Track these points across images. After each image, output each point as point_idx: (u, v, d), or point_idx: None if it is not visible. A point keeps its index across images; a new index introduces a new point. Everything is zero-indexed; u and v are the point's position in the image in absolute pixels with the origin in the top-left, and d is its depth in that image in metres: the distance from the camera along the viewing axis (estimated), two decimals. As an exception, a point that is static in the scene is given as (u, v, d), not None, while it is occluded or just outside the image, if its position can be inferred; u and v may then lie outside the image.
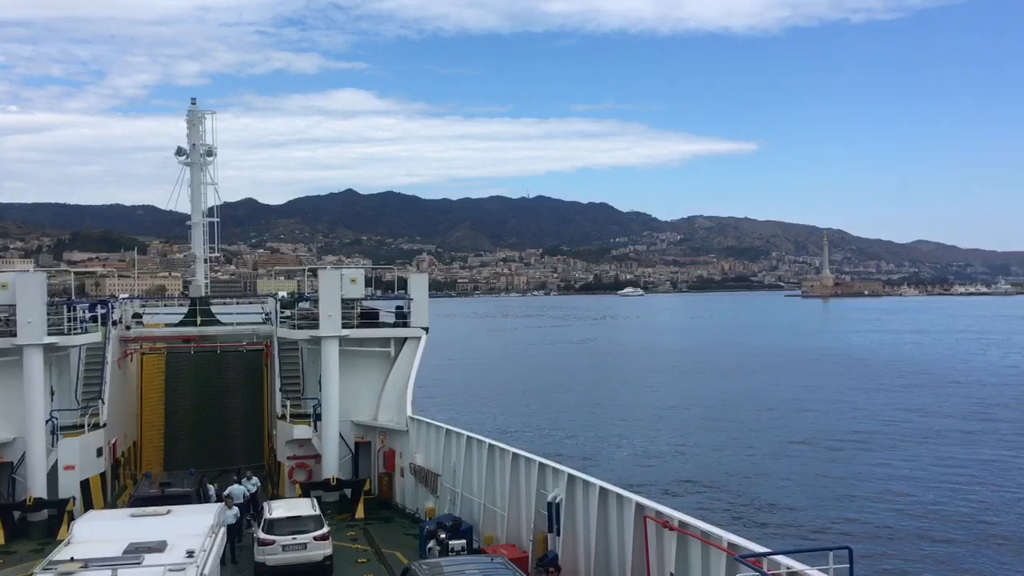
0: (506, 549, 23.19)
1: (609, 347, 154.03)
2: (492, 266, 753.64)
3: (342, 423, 32.91)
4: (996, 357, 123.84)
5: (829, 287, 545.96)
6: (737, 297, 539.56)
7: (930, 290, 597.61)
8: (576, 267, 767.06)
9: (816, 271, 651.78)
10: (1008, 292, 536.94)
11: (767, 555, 14.40)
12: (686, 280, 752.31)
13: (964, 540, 36.97)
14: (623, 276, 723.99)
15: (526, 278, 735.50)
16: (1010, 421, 67.10)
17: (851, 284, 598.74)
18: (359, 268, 37.49)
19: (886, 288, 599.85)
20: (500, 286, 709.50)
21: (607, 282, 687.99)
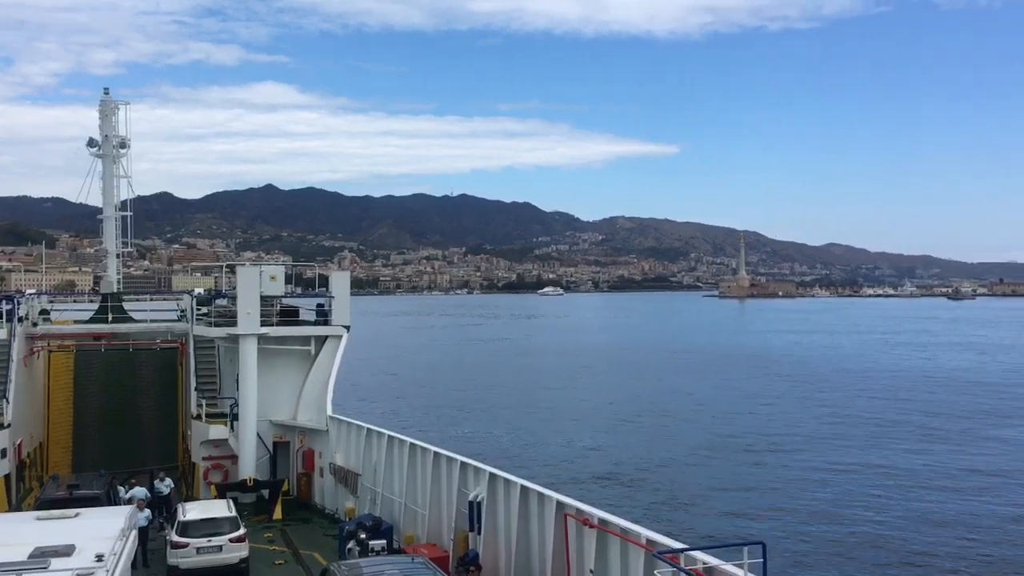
0: (427, 549, 23.11)
1: (530, 346, 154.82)
2: (415, 264, 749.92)
3: (260, 423, 32.30)
4: (902, 358, 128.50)
5: (745, 288, 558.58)
6: (656, 297, 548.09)
7: (841, 291, 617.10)
8: (499, 266, 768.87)
9: (733, 272, 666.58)
10: (913, 294, 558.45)
11: (684, 551, 14.68)
12: (607, 280, 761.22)
13: (874, 535, 38.24)
14: (546, 275, 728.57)
15: (449, 277, 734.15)
16: (914, 420, 69.67)
17: (766, 285, 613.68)
18: (279, 265, 36.85)
19: (799, 289, 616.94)
20: (423, 284, 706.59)
21: (530, 281, 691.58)
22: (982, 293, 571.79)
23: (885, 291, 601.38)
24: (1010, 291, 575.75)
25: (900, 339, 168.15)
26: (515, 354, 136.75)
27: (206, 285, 47.26)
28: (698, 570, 13.90)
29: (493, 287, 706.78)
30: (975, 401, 79.12)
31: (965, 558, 34.91)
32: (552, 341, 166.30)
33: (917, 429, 64.77)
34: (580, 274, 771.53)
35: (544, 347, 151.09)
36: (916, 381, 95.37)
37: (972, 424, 66.88)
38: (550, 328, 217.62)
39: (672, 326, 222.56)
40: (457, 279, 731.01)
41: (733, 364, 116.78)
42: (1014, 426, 65.94)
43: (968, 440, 60.37)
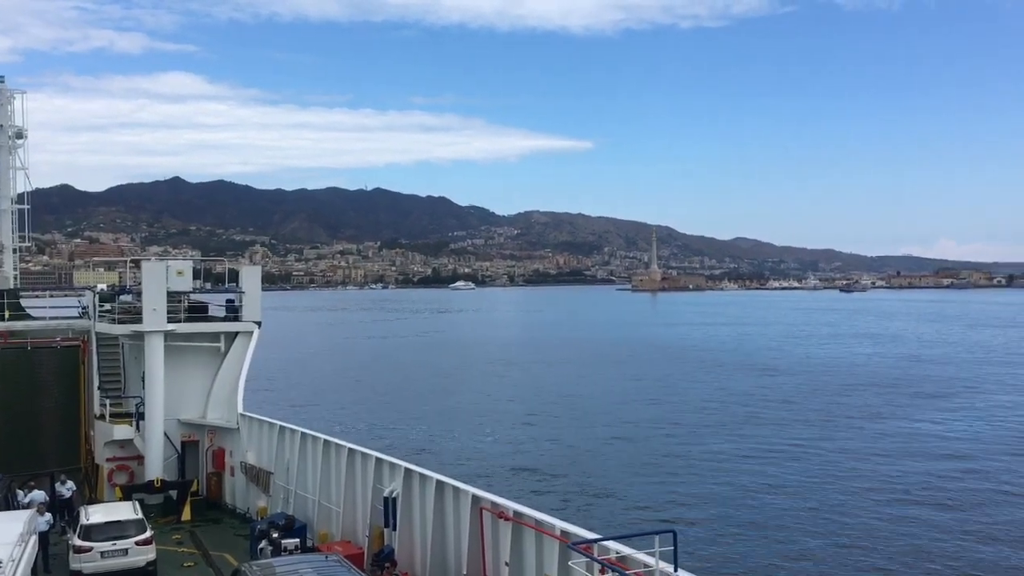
0: (341, 546, 22.91)
1: (444, 341, 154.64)
2: (329, 259, 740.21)
3: (167, 422, 31.49)
4: (807, 348, 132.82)
5: (657, 281, 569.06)
6: (571, 291, 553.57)
7: (748, 284, 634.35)
8: (415, 260, 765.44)
9: (645, 266, 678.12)
10: (816, 287, 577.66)
11: (597, 541, 14.90)
12: (523, 274, 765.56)
13: (781, 519, 39.46)
14: (461, 270, 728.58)
15: (364, 271, 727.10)
16: (816, 407, 72.11)
17: (677, 279, 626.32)
18: (186, 260, 35.84)
19: (709, 282, 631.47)
20: (337, 279, 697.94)
21: (446, 276, 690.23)
22: (880, 285, 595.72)
23: (790, 284, 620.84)
24: (907, 283, 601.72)
25: (804, 331, 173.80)
26: (429, 349, 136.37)
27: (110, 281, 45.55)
28: (611, 559, 14.12)
29: (408, 282, 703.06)
30: (871, 388, 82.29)
31: (870, 536, 36.35)
32: (466, 336, 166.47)
33: (820, 415, 67.03)
34: (496, 268, 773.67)
35: (458, 342, 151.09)
36: (818, 369, 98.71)
37: (872, 409, 69.55)
38: (464, 323, 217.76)
39: (585, 320, 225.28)
40: (372, 274, 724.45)
41: (644, 356, 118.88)
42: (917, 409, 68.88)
43: (866, 424, 62.76)
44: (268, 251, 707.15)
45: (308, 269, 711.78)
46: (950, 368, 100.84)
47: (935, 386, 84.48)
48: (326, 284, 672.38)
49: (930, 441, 57.36)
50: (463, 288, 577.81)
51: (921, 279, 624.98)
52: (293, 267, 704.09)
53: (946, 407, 71.55)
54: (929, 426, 62.88)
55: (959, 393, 79.78)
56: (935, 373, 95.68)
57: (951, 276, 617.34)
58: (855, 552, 34.68)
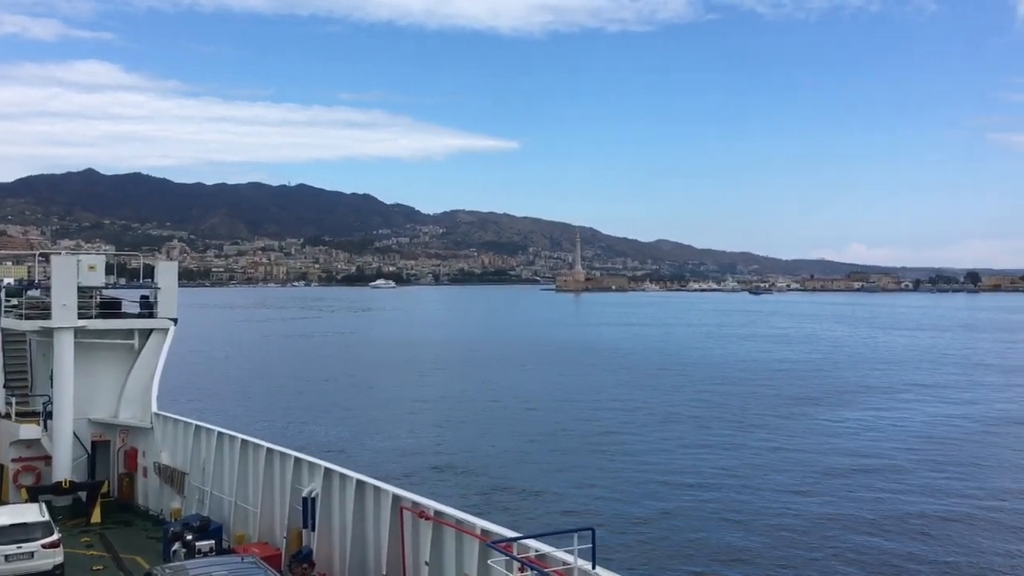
0: (258, 548, 22.60)
1: (366, 340, 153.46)
2: (250, 255, 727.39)
3: (77, 421, 30.55)
4: (726, 348, 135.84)
5: (581, 282, 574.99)
6: (495, 290, 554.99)
7: (669, 286, 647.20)
8: (338, 258, 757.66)
9: (569, 266, 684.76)
10: (735, 288, 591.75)
11: (517, 540, 15.04)
12: (447, 273, 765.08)
13: (699, 519, 40.25)
14: (386, 268, 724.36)
15: (286, 268, 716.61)
16: (733, 406, 73.79)
17: (600, 279, 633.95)
18: (99, 254, 34.79)
19: (631, 283, 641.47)
20: (258, 276, 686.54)
21: (370, 274, 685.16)
22: (795, 288, 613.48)
23: (709, 286, 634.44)
24: (820, 286, 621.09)
25: (723, 331, 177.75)
26: (350, 348, 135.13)
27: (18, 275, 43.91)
28: (530, 557, 14.25)
29: (332, 279, 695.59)
30: (786, 387, 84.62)
31: (784, 531, 37.37)
32: (387, 335, 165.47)
33: (737, 413, 68.60)
34: (420, 267, 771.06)
35: (379, 341, 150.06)
36: (738, 369, 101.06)
37: (786, 408, 71.51)
38: (386, 322, 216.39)
39: (508, 320, 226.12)
40: (294, 271, 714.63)
41: (566, 356, 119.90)
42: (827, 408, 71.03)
43: (780, 422, 64.49)
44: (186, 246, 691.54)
45: (228, 266, 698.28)
46: (859, 369, 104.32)
47: (847, 386, 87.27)
48: (247, 281, 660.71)
49: (842, 437, 59.23)
50: (384, 286, 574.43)
51: (834, 282, 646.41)
52: (212, 263, 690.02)
53: (856, 406, 73.99)
54: (840, 423, 64.93)
55: (868, 392, 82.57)
56: (846, 374, 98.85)
57: (862, 280, 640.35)
58: (770, 547, 35.61)
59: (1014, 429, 63.47)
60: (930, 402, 76.85)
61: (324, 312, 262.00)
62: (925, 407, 73.85)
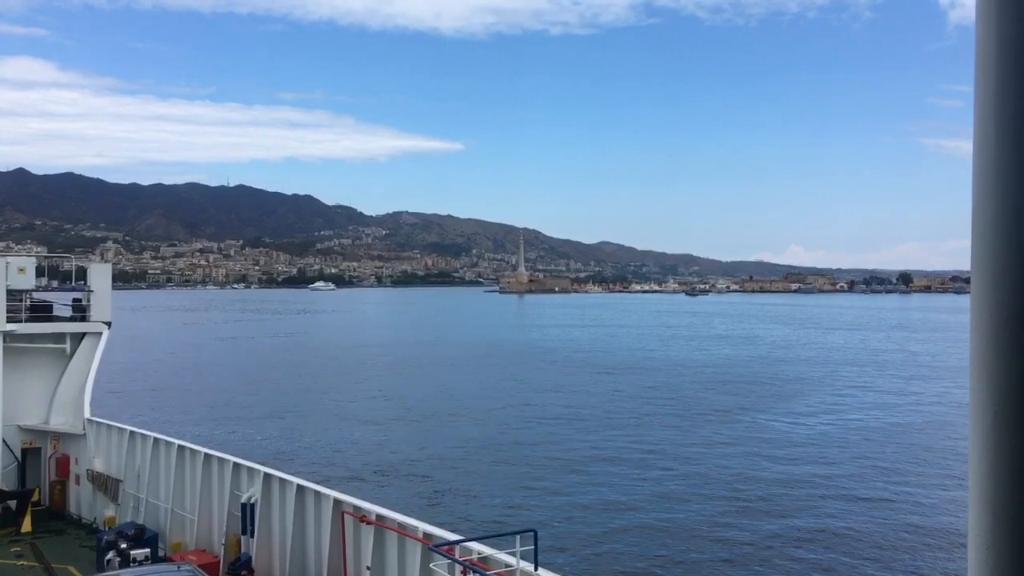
0: (195, 555, 22.25)
1: (305, 342, 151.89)
2: (188, 257, 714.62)
3: (6, 428, 29.79)
4: (669, 348, 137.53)
5: (524, 284, 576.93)
6: (439, 292, 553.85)
7: (612, 287, 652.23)
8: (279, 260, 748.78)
9: (513, 268, 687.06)
10: (676, 290, 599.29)
11: (459, 542, 15.05)
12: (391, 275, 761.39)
13: (642, 519, 40.66)
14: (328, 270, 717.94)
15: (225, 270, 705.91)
16: (674, 407, 74.76)
17: (544, 281, 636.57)
18: (29, 256, 33.93)
19: (574, 285, 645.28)
20: (197, 278, 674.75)
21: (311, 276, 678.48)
22: (735, 289, 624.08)
23: (651, 287, 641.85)
24: (759, 288, 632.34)
25: (665, 332, 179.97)
26: (290, 351, 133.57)
27: (-58, 277, 42.71)
28: (473, 560, 14.27)
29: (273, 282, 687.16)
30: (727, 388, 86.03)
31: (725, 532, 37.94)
32: (327, 338, 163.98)
33: (678, 415, 69.51)
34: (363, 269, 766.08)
35: (319, 344, 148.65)
36: (680, 369, 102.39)
37: (726, 409, 72.68)
38: (326, 324, 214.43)
39: (452, 321, 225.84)
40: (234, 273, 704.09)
41: (509, 358, 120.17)
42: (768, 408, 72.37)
43: (724, 421, 65.53)
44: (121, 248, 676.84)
45: (165, 267, 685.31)
46: (798, 367, 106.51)
47: (788, 385, 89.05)
48: (185, 283, 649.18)
49: (785, 437, 60.39)
50: (324, 288, 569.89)
51: (772, 283, 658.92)
52: (149, 265, 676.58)
53: (797, 406, 75.51)
54: (782, 424, 66.20)
55: (807, 392, 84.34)
56: (786, 372, 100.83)
57: (799, 281, 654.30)
58: (709, 549, 36.13)
59: (939, 430, 65.40)
60: (866, 402, 78.82)
61: (264, 315, 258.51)
62: (860, 407, 75.71)
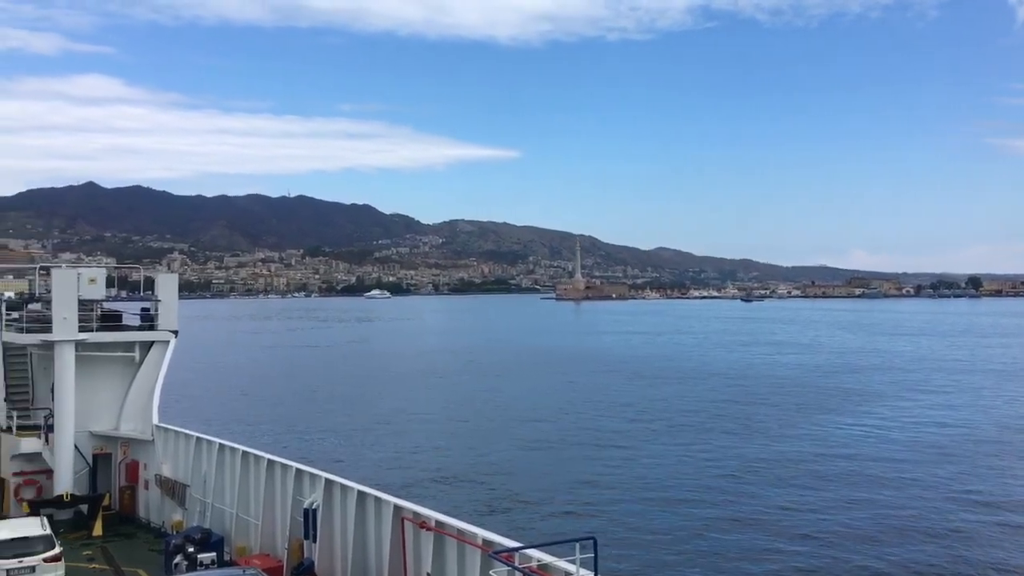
0: (259, 559, 22.57)
1: (365, 350, 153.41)
2: (250, 267, 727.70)
3: (78, 434, 30.58)
4: (731, 355, 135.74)
5: (581, 290, 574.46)
6: (495, 299, 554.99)
7: (670, 293, 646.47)
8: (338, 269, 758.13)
9: (569, 275, 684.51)
10: (735, 296, 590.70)
11: (519, 549, 15.00)
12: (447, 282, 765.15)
13: (702, 528, 40.15)
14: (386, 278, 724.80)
15: (286, 279, 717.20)
16: (738, 415, 73.72)
17: (600, 287, 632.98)
18: (100, 267, 34.88)
19: (632, 291, 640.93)
20: (259, 287, 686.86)
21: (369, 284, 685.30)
22: (796, 295, 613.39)
23: (710, 293, 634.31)
24: (821, 293, 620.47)
25: (732, 339, 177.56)
26: (351, 358, 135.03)
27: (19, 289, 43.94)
28: (532, 567, 14.24)
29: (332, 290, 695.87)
30: (792, 394, 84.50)
31: (791, 538, 37.27)
32: (389, 345, 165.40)
33: (741, 422, 68.52)
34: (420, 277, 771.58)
35: (380, 351, 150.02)
36: (741, 377, 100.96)
37: (792, 416, 71.42)
38: (387, 331, 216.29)
39: (509, 328, 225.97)
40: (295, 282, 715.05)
41: (567, 364, 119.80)
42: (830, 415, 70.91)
43: (786, 430, 64.40)
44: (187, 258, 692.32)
45: (228, 277, 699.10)
46: (866, 375, 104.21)
47: (859, 393, 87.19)
48: (247, 292, 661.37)
49: (850, 444, 59.12)
50: (379, 297, 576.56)
51: (834, 289, 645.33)
52: (213, 275, 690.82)
53: (862, 412, 73.89)
54: (847, 430, 64.82)
55: (874, 398, 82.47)
56: (856, 381, 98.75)
57: (863, 286, 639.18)
58: (775, 555, 35.52)
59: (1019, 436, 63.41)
60: (938, 408, 76.76)
61: (324, 323, 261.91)
62: (933, 413, 73.76)
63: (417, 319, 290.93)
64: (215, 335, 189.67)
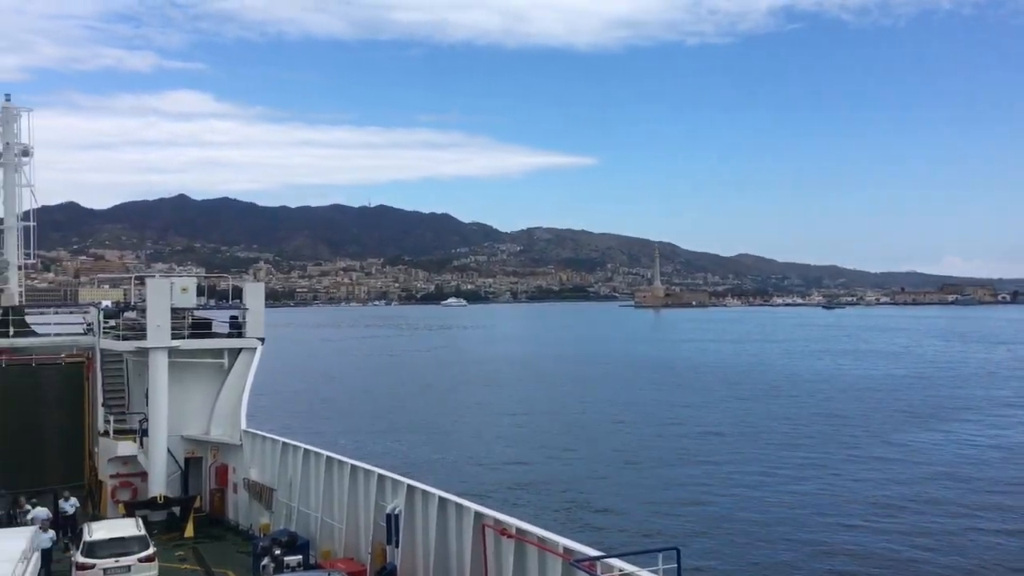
0: (343, 563, 22.90)
1: (447, 356, 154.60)
2: (332, 275, 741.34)
3: (171, 438, 31.52)
4: (818, 364, 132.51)
5: (660, 298, 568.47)
6: (574, 307, 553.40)
7: (752, 301, 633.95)
8: (418, 277, 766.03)
9: (648, 282, 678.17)
10: (820, 303, 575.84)
11: (600, 558, 14.90)
12: (525, 290, 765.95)
13: (788, 540, 39.26)
14: (464, 286, 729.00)
15: (367, 288, 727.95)
16: (822, 425, 71.90)
17: (680, 295, 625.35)
18: (191, 277, 35.99)
19: (712, 299, 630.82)
20: (340, 296, 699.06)
21: (448, 292, 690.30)
22: (885, 302, 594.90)
23: (794, 300, 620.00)
24: (911, 300, 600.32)
25: (812, 347, 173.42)
26: (431, 365, 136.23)
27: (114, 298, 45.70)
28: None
29: (412, 298, 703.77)
30: (881, 405, 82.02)
31: (878, 556, 36.16)
32: (469, 351, 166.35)
33: (826, 433, 66.79)
34: (499, 285, 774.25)
35: (460, 358, 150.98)
36: (827, 388, 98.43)
37: (877, 427, 69.31)
38: (464, 339, 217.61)
39: (589, 336, 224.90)
40: (375, 290, 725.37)
41: (647, 373, 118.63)
42: (923, 429, 68.59)
43: (874, 442, 62.53)
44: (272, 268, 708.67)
45: (311, 286, 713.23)
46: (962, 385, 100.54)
47: (949, 404, 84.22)
48: (329, 301, 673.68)
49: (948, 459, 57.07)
50: (454, 304, 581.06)
51: (925, 295, 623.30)
52: (297, 284, 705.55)
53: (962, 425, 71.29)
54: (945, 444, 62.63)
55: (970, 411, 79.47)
56: (947, 391, 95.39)
57: (956, 292, 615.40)
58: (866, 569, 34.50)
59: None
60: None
61: (404, 330, 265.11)
62: (1025, 424, 70.75)
63: (496, 327, 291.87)
64: (300, 342, 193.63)
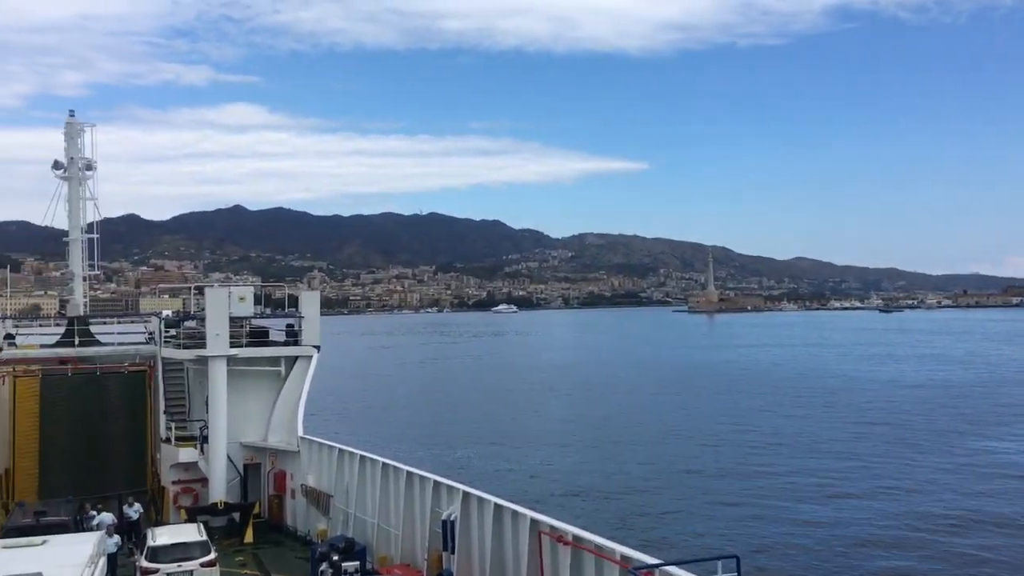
0: (400, 569, 23.04)
1: (499, 364, 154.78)
2: (385, 283, 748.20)
3: (230, 445, 32.06)
4: (885, 370, 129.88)
5: (714, 303, 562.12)
6: (626, 313, 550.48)
7: (808, 305, 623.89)
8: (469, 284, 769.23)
9: (702, 287, 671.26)
10: (879, 306, 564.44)
11: (659, 566, 14.74)
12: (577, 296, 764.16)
13: (851, 550, 38.48)
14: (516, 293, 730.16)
15: (419, 295, 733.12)
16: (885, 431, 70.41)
17: (735, 299, 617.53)
18: (248, 286, 36.63)
19: (768, 303, 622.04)
20: (393, 303, 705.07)
21: (500, 299, 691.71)
22: (947, 305, 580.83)
23: (852, 304, 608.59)
24: (973, 302, 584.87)
25: (871, 351, 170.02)
26: (485, 372, 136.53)
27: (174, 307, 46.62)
28: (673, 585, 13.97)
29: (464, 305, 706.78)
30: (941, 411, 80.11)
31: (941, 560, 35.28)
32: (522, 358, 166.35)
33: (889, 440, 65.40)
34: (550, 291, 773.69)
35: (513, 364, 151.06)
36: (885, 393, 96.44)
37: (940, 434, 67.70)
38: (515, 346, 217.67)
39: (642, 342, 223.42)
40: (427, 297, 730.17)
41: (703, 379, 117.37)
42: (988, 435, 66.84)
43: (936, 448, 61.08)
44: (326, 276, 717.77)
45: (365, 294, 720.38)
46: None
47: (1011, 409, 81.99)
48: (382, 308, 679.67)
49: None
50: (505, 311, 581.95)
51: (989, 297, 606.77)
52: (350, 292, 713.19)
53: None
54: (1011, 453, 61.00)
55: None
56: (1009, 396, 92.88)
57: (1020, 294, 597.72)
58: None
59: None
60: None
61: (457, 337, 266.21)
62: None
63: (548, 333, 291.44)
64: (354, 350, 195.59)
